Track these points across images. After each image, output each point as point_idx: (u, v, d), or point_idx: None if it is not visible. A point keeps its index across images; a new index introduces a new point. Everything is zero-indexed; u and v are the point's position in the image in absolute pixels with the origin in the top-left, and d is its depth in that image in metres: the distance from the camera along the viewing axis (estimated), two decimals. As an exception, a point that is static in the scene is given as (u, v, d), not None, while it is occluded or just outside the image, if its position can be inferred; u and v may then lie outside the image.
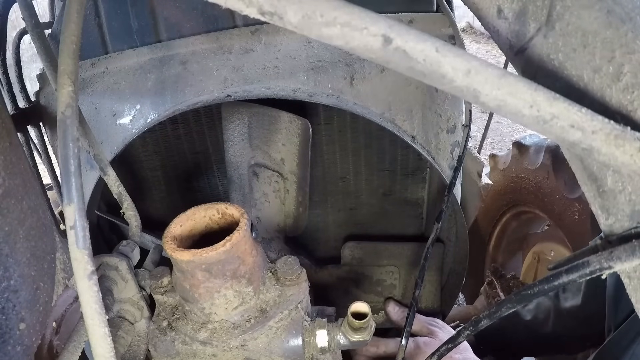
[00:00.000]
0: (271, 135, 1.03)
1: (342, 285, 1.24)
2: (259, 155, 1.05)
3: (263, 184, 1.08)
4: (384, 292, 1.26)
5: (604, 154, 0.31)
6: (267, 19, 0.27)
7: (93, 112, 1.02)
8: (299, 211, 1.13)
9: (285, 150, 1.04)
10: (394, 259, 1.25)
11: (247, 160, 1.06)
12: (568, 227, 1.55)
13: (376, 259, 1.25)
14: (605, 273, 0.36)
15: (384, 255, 1.25)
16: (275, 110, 1.01)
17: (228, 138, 1.05)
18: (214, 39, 1.00)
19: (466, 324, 0.57)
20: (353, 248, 1.25)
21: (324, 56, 1.00)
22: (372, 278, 1.25)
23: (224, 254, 0.57)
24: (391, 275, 1.26)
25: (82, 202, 0.39)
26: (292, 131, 1.01)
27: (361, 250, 1.25)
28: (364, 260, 1.25)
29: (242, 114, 1.03)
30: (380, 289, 1.26)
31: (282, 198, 1.10)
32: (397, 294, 1.26)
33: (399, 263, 1.25)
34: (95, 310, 0.39)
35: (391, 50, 0.28)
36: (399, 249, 1.25)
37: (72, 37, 0.43)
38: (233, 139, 1.05)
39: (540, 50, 0.41)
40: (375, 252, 1.25)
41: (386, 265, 1.25)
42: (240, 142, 1.04)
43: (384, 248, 1.25)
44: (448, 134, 1.08)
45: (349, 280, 1.25)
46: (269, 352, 0.63)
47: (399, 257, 1.25)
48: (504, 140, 4.41)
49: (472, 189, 1.22)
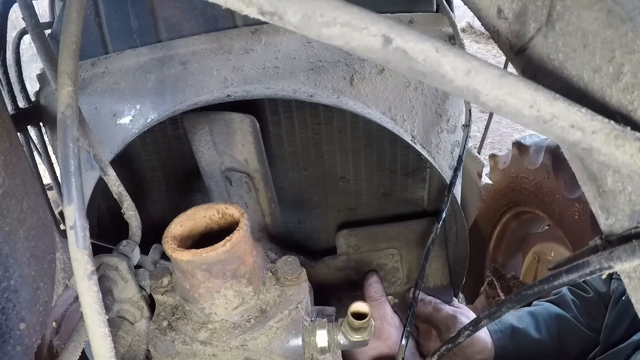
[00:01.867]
0: (230, 138, 1.03)
1: (341, 275, 1.21)
2: (226, 160, 1.06)
3: (237, 187, 1.08)
4: (387, 277, 1.21)
5: (604, 154, 0.31)
6: (267, 19, 0.27)
7: (93, 112, 1.02)
8: (272, 207, 1.12)
9: (246, 150, 1.03)
10: (392, 241, 1.20)
11: (218, 167, 1.06)
12: (568, 227, 1.56)
13: (373, 244, 1.20)
14: (605, 273, 0.36)
15: (380, 238, 1.20)
16: (227, 113, 1.00)
17: (197, 149, 1.06)
18: (214, 39, 1.00)
19: (466, 324, 0.57)
20: (347, 236, 1.20)
21: (324, 56, 1.00)
22: (372, 264, 1.21)
23: (224, 254, 0.57)
24: (392, 258, 1.21)
25: (82, 202, 0.39)
26: (246, 130, 1.00)
27: (356, 237, 1.20)
28: (360, 247, 1.20)
29: (202, 123, 1.02)
30: (382, 273, 1.21)
31: (256, 197, 1.10)
32: (401, 276, 1.21)
33: (398, 244, 1.20)
34: (95, 310, 0.39)
35: (391, 50, 0.28)
36: (396, 230, 1.20)
37: (72, 37, 0.43)
38: (201, 149, 1.05)
39: (540, 50, 0.41)
40: (371, 236, 1.20)
41: (385, 248, 1.20)
42: (208, 151, 1.05)
43: (380, 231, 1.21)
44: (448, 134, 1.08)
45: (349, 270, 1.21)
46: (269, 352, 0.63)
47: (397, 238, 1.20)
48: (504, 140, 4.41)
49: (472, 189, 1.22)
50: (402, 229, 1.20)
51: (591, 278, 0.83)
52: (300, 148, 1.20)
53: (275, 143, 1.18)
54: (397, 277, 1.20)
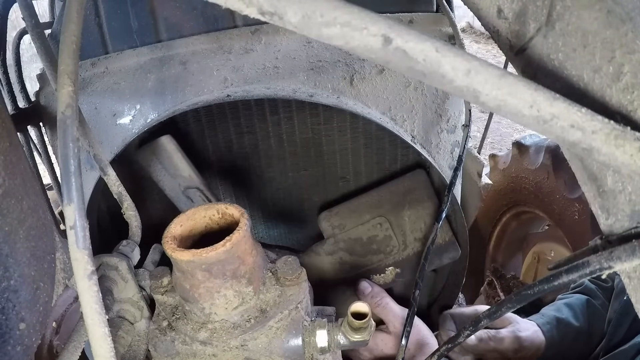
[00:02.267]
0: (171, 159, 1.06)
1: (334, 260, 1.15)
2: (181, 181, 1.08)
3: (198, 203, 1.09)
4: (382, 248, 1.14)
5: (604, 154, 0.31)
6: (267, 19, 0.27)
7: (93, 112, 1.02)
8: None
9: (183, 165, 1.07)
10: (376, 210, 1.13)
11: (179, 189, 1.09)
12: (568, 227, 1.55)
13: (357, 218, 1.14)
14: (605, 273, 0.36)
15: (363, 210, 1.14)
16: (155, 141, 1.04)
17: (157, 180, 1.08)
18: (214, 39, 1.00)
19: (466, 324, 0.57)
20: (328, 217, 1.15)
21: (324, 56, 1.00)
22: (362, 239, 1.14)
23: (224, 254, 0.57)
24: (381, 228, 1.13)
25: (82, 202, 0.39)
26: (174, 149, 1.05)
27: (337, 216, 1.15)
28: (345, 225, 1.14)
29: (148, 154, 1.06)
30: (375, 246, 1.14)
31: None
32: (397, 243, 1.13)
33: (383, 211, 1.13)
34: (95, 310, 0.39)
35: (391, 50, 0.28)
36: (377, 197, 1.14)
37: (72, 37, 0.43)
38: (159, 178, 1.08)
39: (540, 50, 0.41)
40: (352, 211, 1.15)
41: (371, 219, 1.13)
42: (164, 178, 1.08)
43: (360, 203, 1.15)
44: (448, 134, 1.08)
45: (340, 252, 1.15)
46: (269, 352, 0.63)
47: (380, 205, 1.14)
48: (504, 140, 4.41)
49: (472, 189, 1.22)
50: (383, 195, 1.14)
51: None
52: (300, 148, 1.20)
53: (275, 143, 1.18)
54: (392, 245, 1.13)
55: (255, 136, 1.18)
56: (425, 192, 1.13)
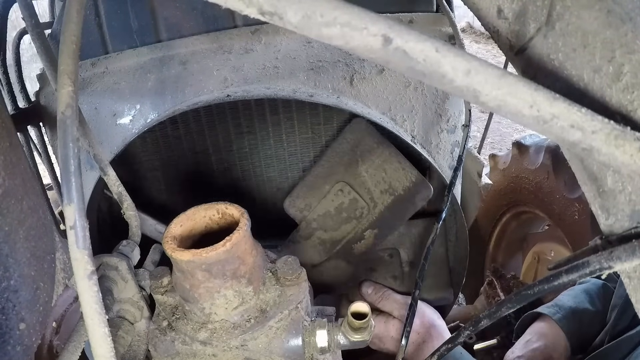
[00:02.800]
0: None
1: (313, 243, 1.12)
2: None
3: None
4: (351, 213, 1.09)
5: (604, 154, 0.31)
6: (267, 19, 0.27)
7: (93, 112, 1.02)
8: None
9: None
10: (331, 177, 1.09)
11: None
12: (568, 227, 1.55)
13: (319, 192, 1.10)
14: (605, 273, 0.36)
15: (319, 182, 1.10)
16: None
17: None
18: (214, 39, 1.00)
19: (466, 324, 0.57)
20: (293, 202, 1.12)
21: (324, 56, 1.00)
22: (331, 211, 1.10)
23: (224, 254, 0.57)
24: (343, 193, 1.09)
25: (82, 202, 0.39)
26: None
27: (299, 198, 1.11)
28: (311, 203, 1.10)
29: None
30: (345, 214, 1.10)
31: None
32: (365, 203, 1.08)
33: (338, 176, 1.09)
34: (95, 310, 0.39)
35: (391, 50, 0.28)
36: (326, 164, 1.09)
37: (72, 37, 0.43)
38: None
39: (540, 50, 0.41)
40: (310, 187, 1.11)
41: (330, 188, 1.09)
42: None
43: (314, 176, 1.10)
44: (448, 134, 1.08)
45: (316, 232, 1.12)
46: (269, 352, 0.63)
47: (334, 172, 1.09)
48: (504, 140, 4.41)
49: (472, 189, 1.22)
50: (332, 159, 1.09)
51: None
52: (300, 148, 1.20)
53: (275, 143, 1.18)
54: (360, 207, 1.09)
55: (255, 136, 1.18)
56: (373, 139, 1.06)
